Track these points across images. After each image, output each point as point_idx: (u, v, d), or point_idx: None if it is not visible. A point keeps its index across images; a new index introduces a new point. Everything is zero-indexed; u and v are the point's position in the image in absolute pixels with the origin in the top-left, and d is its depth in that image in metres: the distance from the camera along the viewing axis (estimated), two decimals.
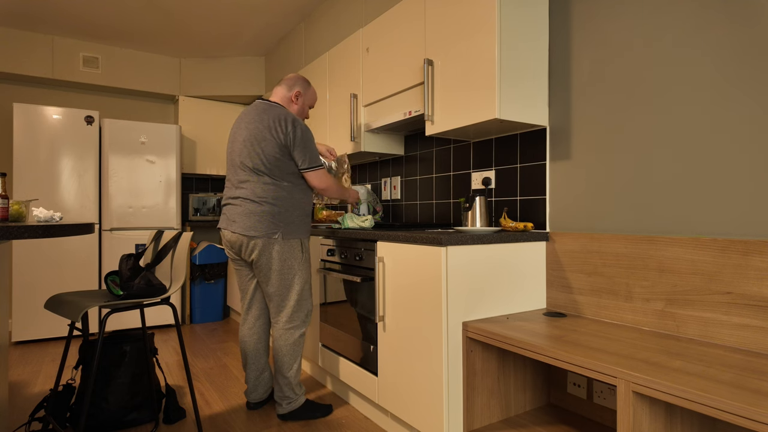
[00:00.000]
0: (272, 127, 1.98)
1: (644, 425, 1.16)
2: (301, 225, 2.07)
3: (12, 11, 3.34)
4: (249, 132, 2.01)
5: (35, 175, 3.37)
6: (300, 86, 2.17)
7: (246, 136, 2.01)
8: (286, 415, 2.08)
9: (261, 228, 1.97)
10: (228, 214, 2.05)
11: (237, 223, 2.00)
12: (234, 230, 2.00)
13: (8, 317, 2.52)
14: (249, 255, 2.02)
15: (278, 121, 1.98)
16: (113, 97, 4.26)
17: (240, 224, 1.99)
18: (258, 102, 2.09)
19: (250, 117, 2.04)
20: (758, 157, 1.34)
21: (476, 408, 1.69)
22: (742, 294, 1.35)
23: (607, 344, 1.39)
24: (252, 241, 1.98)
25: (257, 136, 1.99)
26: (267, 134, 1.98)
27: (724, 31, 1.41)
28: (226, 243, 2.09)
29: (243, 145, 2.01)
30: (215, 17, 3.48)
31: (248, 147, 2.00)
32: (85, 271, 3.52)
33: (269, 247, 1.99)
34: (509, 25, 1.79)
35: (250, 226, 1.98)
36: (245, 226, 1.98)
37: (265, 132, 1.98)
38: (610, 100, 1.72)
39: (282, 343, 2.05)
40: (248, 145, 2.00)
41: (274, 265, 2.01)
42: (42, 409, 1.85)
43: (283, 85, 2.15)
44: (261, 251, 1.99)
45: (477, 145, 2.30)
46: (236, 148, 2.04)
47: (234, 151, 2.06)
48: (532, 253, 1.89)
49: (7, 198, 1.71)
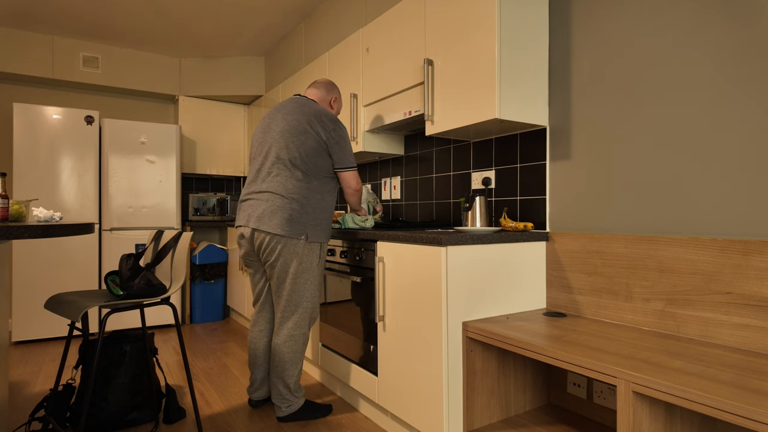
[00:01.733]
0: (314, 122, 1.95)
1: (644, 425, 1.16)
2: (326, 228, 2.03)
3: (12, 11, 3.34)
4: (288, 123, 1.97)
5: (35, 175, 3.37)
6: (337, 93, 2.20)
7: (284, 127, 1.97)
8: (286, 417, 2.07)
9: (288, 228, 1.90)
10: (250, 210, 1.96)
11: (262, 219, 1.91)
12: (257, 226, 1.91)
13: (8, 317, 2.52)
14: (267, 255, 1.95)
15: (320, 116, 1.97)
16: (113, 97, 4.26)
17: (266, 221, 1.90)
18: (296, 96, 2.08)
19: (289, 109, 2.01)
20: (758, 157, 1.34)
21: (476, 408, 1.69)
22: (742, 294, 1.35)
23: (607, 344, 1.39)
24: (275, 240, 1.91)
25: (297, 128, 1.94)
26: (308, 128, 1.94)
27: (725, 30, 1.41)
28: (244, 241, 2.01)
29: (280, 135, 1.96)
30: (215, 17, 3.48)
31: (286, 138, 1.95)
32: (85, 271, 3.52)
33: (291, 249, 1.92)
34: (509, 25, 1.79)
35: (278, 224, 1.89)
36: (272, 224, 1.90)
37: (305, 125, 1.95)
38: (610, 100, 1.72)
39: (286, 350, 2.01)
40: (287, 136, 1.95)
41: (292, 268, 1.94)
42: (42, 408, 1.85)
43: (321, 87, 2.15)
44: (281, 252, 1.92)
45: (477, 145, 2.30)
46: (271, 138, 1.99)
47: (267, 142, 2.00)
48: (532, 253, 1.89)
49: (7, 198, 1.71)
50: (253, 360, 2.17)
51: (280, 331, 2.02)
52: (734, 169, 1.39)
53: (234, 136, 4.52)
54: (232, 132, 4.52)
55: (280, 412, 2.06)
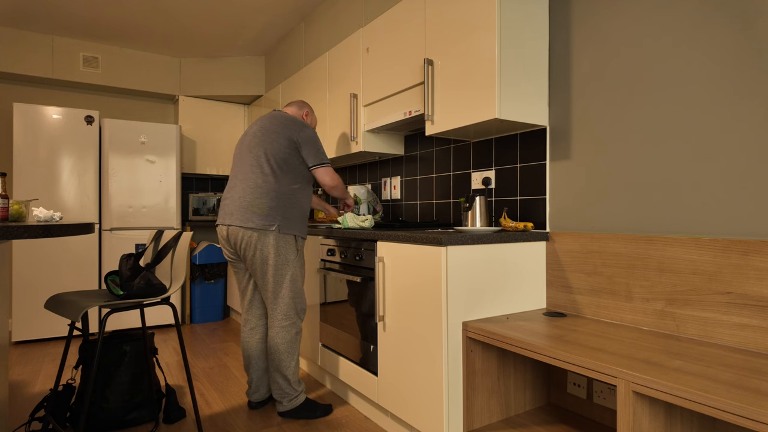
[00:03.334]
0: (284, 125, 2.10)
1: (644, 425, 1.16)
2: (297, 222, 2.10)
3: (12, 11, 3.34)
4: (260, 127, 2.13)
5: (35, 175, 3.37)
6: (308, 108, 2.38)
7: (256, 129, 2.13)
8: (288, 413, 2.08)
9: (257, 220, 2.00)
10: (225, 209, 2.08)
11: (234, 215, 2.02)
12: (231, 222, 2.02)
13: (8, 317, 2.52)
14: (245, 250, 2.03)
15: (290, 120, 2.13)
16: (113, 96, 4.26)
17: (237, 216, 2.01)
18: (273, 111, 2.23)
19: (264, 119, 2.18)
20: (759, 157, 1.34)
21: (476, 408, 1.69)
22: (742, 294, 1.35)
23: (607, 344, 1.39)
24: (248, 234, 2.00)
25: (269, 129, 2.09)
26: (279, 129, 2.09)
27: (725, 30, 1.41)
28: (223, 240, 2.12)
29: (253, 137, 2.11)
30: (215, 17, 3.48)
31: (258, 138, 2.09)
32: (85, 271, 3.52)
33: (265, 240, 2.01)
34: (509, 25, 1.79)
35: (247, 218, 2.00)
36: (242, 218, 2.00)
37: (277, 127, 2.09)
38: (611, 99, 1.72)
39: (279, 341, 2.06)
40: (258, 137, 2.09)
41: (270, 259, 2.02)
42: (42, 408, 1.85)
43: (294, 105, 2.35)
44: (256, 244, 2.00)
45: (477, 145, 2.30)
46: (245, 142, 2.13)
47: (242, 145, 2.14)
48: (532, 253, 1.89)
49: (7, 198, 1.71)
50: (247, 360, 2.19)
51: (273, 324, 2.08)
52: (734, 168, 1.39)
53: (234, 136, 4.52)
54: (232, 132, 4.52)
55: (282, 406, 2.08)
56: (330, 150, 2.98)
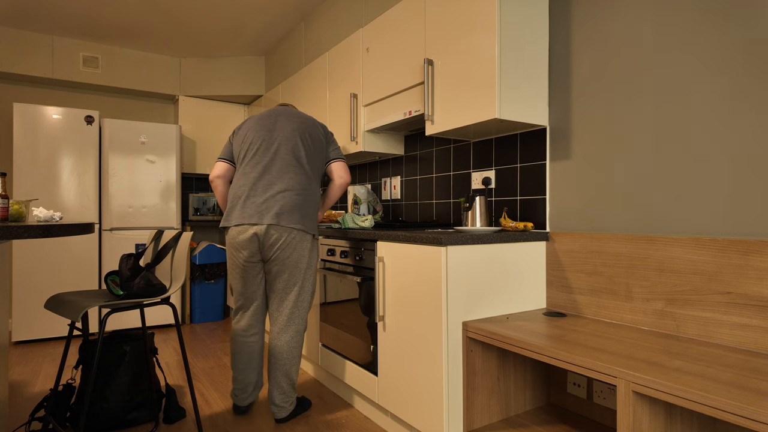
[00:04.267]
0: (316, 124, 2.15)
1: (644, 425, 1.16)
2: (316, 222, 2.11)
3: (12, 11, 3.34)
4: (296, 124, 2.07)
5: (35, 175, 3.37)
6: None
7: (295, 126, 2.06)
8: (287, 417, 2.06)
9: (303, 223, 1.96)
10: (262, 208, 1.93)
11: (282, 216, 1.92)
12: (278, 223, 1.91)
13: (8, 317, 2.52)
14: (281, 251, 1.94)
15: (316, 122, 2.18)
16: (113, 96, 4.26)
17: (286, 218, 1.92)
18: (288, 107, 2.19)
19: (289, 113, 2.12)
20: (759, 157, 1.34)
21: (476, 407, 1.69)
22: (742, 294, 1.35)
23: (607, 344, 1.39)
24: (292, 235, 1.94)
25: (307, 129, 2.08)
26: (314, 130, 2.11)
27: (725, 30, 1.41)
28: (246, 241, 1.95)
29: (292, 134, 2.04)
30: (215, 17, 3.48)
31: (297, 137, 2.04)
32: (85, 271, 3.52)
33: (304, 244, 1.99)
34: (509, 25, 1.79)
35: (297, 219, 1.94)
36: (292, 220, 1.93)
37: (312, 126, 2.12)
38: (611, 99, 1.72)
39: (295, 344, 2.02)
40: (298, 135, 2.04)
41: (304, 263, 1.99)
42: (42, 408, 1.85)
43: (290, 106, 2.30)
44: (296, 247, 1.95)
45: (477, 145, 2.30)
46: (281, 137, 2.03)
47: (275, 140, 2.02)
48: (532, 252, 1.89)
49: (7, 198, 1.71)
50: (247, 364, 2.09)
51: (289, 328, 2.01)
52: (735, 168, 1.39)
53: None
54: (231, 132, 4.52)
55: (284, 412, 2.04)
56: None
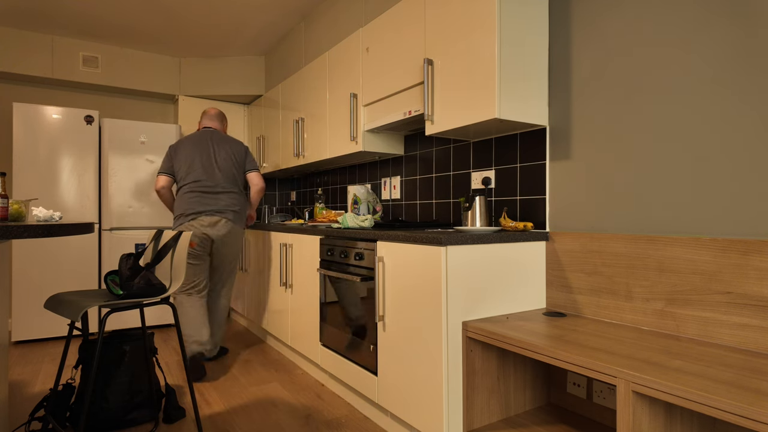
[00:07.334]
0: (236, 150, 2.88)
1: (644, 425, 1.16)
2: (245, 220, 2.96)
3: (12, 11, 3.34)
4: (227, 152, 2.83)
5: (35, 174, 3.37)
6: (227, 121, 3.10)
7: (226, 154, 2.82)
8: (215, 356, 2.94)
9: (240, 220, 2.84)
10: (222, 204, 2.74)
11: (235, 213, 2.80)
12: (230, 218, 2.77)
13: (8, 317, 2.52)
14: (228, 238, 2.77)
15: (237, 145, 2.90)
16: (113, 96, 4.26)
17: (232, 216, 2.78)
18: (210, 129, 2.92)
19: (217, 138, 2.86)
20: (759, 157, 1.34)
21: (476, 407, 1.69)
22: (742, 294, 1.35)
23: (607, 344, 1.39)
24: (235, 227, 2.80)
25: (233, 153, 2.86)
26: (240, 151, 2.90)
27: (725, 30, 1.41)
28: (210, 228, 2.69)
29: (225, 159, 2.81)
30: (215, 17, 3.48)
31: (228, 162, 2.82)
32: (85, 271, 3.52)
33: (240, 234, 2.86)
34: (509, 25, 1.79)
35: (239, 219, 2.83)
36: (237, 219, 2.82)
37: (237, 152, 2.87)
38: (610, 99, 1.72)
39: (226, 302, 2.95)
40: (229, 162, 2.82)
41: (236, 248, 2.87)
42: (42, 408, 1.85)
43: (216, 121, 2.99)
44: (236, 236, 2.83)
45: (477, 145, 2.30)
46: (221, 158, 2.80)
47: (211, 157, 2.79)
48: (532, 252, 1.89)
49: (7, 198, 1.71)
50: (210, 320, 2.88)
51: (225, 291, 2.94)
52: (735, 168, 1.39)
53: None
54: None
55: (216, 350, 2.85)
56: (329, 150, 2.98)
